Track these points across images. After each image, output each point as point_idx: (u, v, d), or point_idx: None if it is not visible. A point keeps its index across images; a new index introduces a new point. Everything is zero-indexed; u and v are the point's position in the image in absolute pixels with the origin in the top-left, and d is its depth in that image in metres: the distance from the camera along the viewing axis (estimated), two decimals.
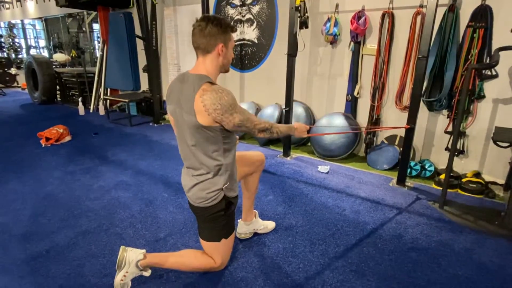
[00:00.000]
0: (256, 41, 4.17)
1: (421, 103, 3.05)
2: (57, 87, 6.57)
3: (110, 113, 5.58)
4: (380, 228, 2.17)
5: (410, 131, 2.70)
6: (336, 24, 3.38)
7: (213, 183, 1.51)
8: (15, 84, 8.78)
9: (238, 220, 2.06)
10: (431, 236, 2.09)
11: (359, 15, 3.21)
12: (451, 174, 2.87)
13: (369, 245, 1.99)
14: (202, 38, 1.41)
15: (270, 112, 3.94)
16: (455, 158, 2.99)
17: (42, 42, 10.44)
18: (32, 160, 3.38)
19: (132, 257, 1.53)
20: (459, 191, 2.75)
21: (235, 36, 4.25)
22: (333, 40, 3.46)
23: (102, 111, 5.69)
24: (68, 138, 4.09)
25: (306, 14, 3.09)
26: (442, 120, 3.04)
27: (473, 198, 2.63)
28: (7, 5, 8.73)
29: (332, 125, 3.49)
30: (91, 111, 5.93)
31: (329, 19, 3.40)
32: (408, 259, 1.87)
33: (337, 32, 3.39)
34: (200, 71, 1.45)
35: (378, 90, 3.31)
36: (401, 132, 3.21)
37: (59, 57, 8.49)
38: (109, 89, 6.05)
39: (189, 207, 1.67)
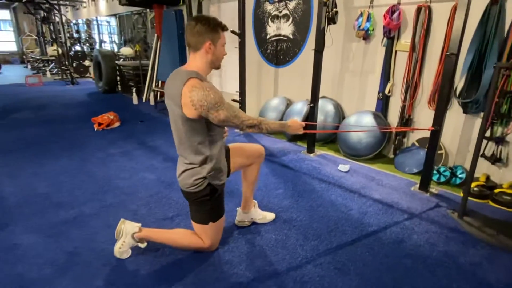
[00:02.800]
0: (291, 36, 4.18)
1: (457, 104, 2.83)
2: (118, 78, 7.30)
3: (158, 103, 6.06)
4: (382, 231, 2.11)
5: (435, 134, 2.53)
6: (369, 19, 3.25)
7: (198, 171, 1.64)
8: (88, 74, 9.93)
9: (237, 208, 2.17)
10: (436, 246, 1.97)
11: (393, 10, 3.05)
12: (485, 183, 2.64)
13: (364, 246, 1.96)
14: (191, 36, 1.54)
15: (299, 108, 3.94)
16: (493, 167, 2.72)
17: (115, 38, 11.62)
18: (83, 142, 3.88)
19: (128, 229, 1.74)
20: (490, 202, 2.51)
21: (272, 32, 4.33)
22: (366, 36, 3.34)
23: (152, 102, 6.21)
24: (117, 124, 4.58)
25: (334, 9, 3.03)
26: (479, 124, 2.76)
27: (502, 211, 2.39)
28: (84, 4, 9.87)
29: (361, 124, 3.38)
30: (143, 101, 6.50)
31: (361, 14, 3.28)
32: (402, 265, 1.80)
33: (369, 27, 3.26)
34: (191, 67, 1.58)
35: (410, 89, 3.12)
36: None
37: (126, 51, 9.37)
38: (160, 81, 6.55)
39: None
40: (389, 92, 3.31)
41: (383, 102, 3.40)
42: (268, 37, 4.48)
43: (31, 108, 5.69)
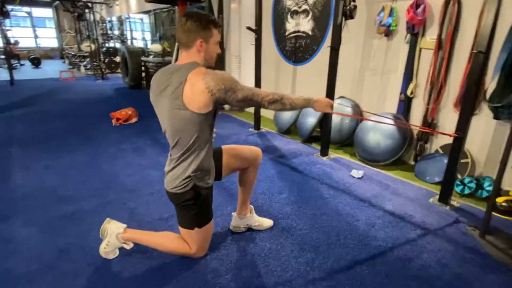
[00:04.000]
0: (310, 33, 4.00)
1: (488, 109, 2.54)
2: (143, 74, 7.45)
3: None
4: (388, 247, 1.92)
5: (457, 141, 2.27)
6: (391, 14, 3.01)
7: (183, 171, 1.56)
8: (118, 70, 10.26)
9: (232, 213, 2.07)
10: (448, 267, 1.75)
11: (418, 3, 2.79)
12: None
13: (365, 263, 1.78)
14: (182, 34, 1.46)
15: None
16: None
17: (148, 35, 11.94)
18: (99, 136, 3.95)
19: (113, 229, 1.70)
20: None
21: (291, 28, 4.17)
22: (388, 32, 3.09)
23: None
24: (135, 119, 4.64)
25: (352, 3, 2.82)
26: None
27: None
28: (117, 2, 10.20)
29: (381, 127, 3.15)
30: None
31: (383, 9, 3.04)
32: (405, 287, 1.61)
33: (392, 23, 3.01)
34: (189, 60, 1.49)
35: (435, 90, 2.85)
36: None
37: (155, 47, 9.57)
38: None
39: None
40: (411, 93, 3.05)
41: (405, 104, 3.14)
42: (287, 33, 4.33)
43: (59, 102, 5.94)
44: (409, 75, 3.04)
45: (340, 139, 3.68)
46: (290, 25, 4.24)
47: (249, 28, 3.82)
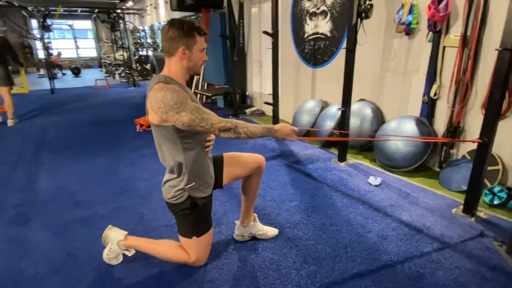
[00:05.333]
0: (329, 34, 3.88)
1: None
2: None
3: (203, 105, 6.20)
4: (399, 262, 1.79)
5: (482, 147, 2.08)
6: (411, 11, 2.83)
7: (177, 182, 1.56)
8: (149, 77, 10.67)
9: (236, 221, 2.04)
10: (465, 287, 1.59)
11: None
12: None
13: (371, 279, 1.67)
14: (164, 41, 1.46)
15: (334, 111, 3.63)
16: None
17: None
18: (123, 142, 4.11)
19: (114, 236, 1.73)
20: None
21: (310, 30, 4.08)
22: (408, 31, 2.92)
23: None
24: None
25: (368, 2, 2.69)
26: None
27: None
28: (148, 12, 10.63)
29: (402, 131, 2.97)
30: None
31: (402, 6, 2.87)
32: None
33: (412, 20, 2.84)
34: (164, 72, 1.50)
35: (460, 91, 2.64)
36: (494, 146, 2.48)
37: None
38: (206, 83, 6.71)
39: None
40: (435, 95, 2.85)
41: (429, 107, 2.94)
42: (306, 36, 4.24)
43: (90, 109, 6.28)
44: (432, 75, 2.84)
45: (360, 143, 3.53)
46: (309, 27, 4.15)
47: (265, 32, 3.79)
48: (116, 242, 1.73)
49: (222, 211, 2.38)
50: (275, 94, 4.08)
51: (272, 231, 2.04)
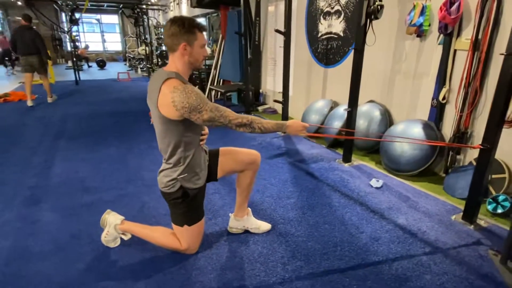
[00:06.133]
0: (342, 34, 3.86)
1: None
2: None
3: (217, 101, 6.30)
4: (387, 264, 1.79)
5: (484, 153, 2.03)
6: (423, 12, 2.78)
7: (172, 172, 1.64)
8: None
9: (230, 214, 2.10)
10: None
11: (452, 1, 2.55)
12: None
13: (357, 278, 1.68)
14: (167, 38, 1.53)
15: (342, 112, 3.61)
16: None
17: None
18: (136, 133, 4.26)
19: (111, 220, 1.83)
20: None
21: (323, 29, 4.08)
22: (420, 32, 2.87)
23: (212, 99, 6.49)
24: None
25: (377, 2, 2.67)
26: None
27: None
28: (171, 8, 10.86)
29: (409, 135, 2.93)
30: None
31: (414, 7, 2.83)
32: None
33: (424, 22, 2.79)
34: (170, 68, 1.58)
35: (469, 96, 2.57)
36: (501, 153, 2.42)
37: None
38: (222, 80, 6.80)
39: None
40: (444, 99, 2.79)
41: (437, 111, 2.88)
42: (319, 35, 4.23)
43: (110, 100, 6.52)
44: (442, 79, 2.78)
45: (367, 145, 3.50)
46: (323, 27, 4.14)
47: (277, 30, 3.82)
48: (113, 226, 1.83)
49: (220, 203, 2.44)
50: (285, 92, 4.11)
51: (265, 226, 2.09)
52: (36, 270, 1.73)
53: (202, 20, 11.41)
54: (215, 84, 6.78)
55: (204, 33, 1.59)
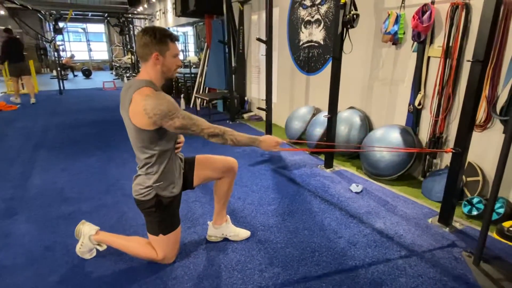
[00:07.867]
0: (322, 42, 3.94)
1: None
2: (173, 84, 7.82)
3: (203, 109, 6.30)
4: (363, 268, 1.80)
5: (456, 157, 2.09)
6: (397, 21, 2.87)
7: (145, 180, 1.63)
8: None
9: (208, 222, 2.09)
10: None
11: (424, 10, 2.64)
12: None
13: (332, 283, 1.69)
14: (139, 48, 1.54)
15: (323, 119, 3.66)
16: None
17: (189, 47, 12.55)
18: (119, 142, 4.22)
19: (86, 231, 1.80)
20: None
21: (305, 38, 4.14)
22: (395, 40, 2.95)
23: (198, 107, 6.48)
24: None
25: (353, 12, 2.74)
26: None
27: None
28: (157, 17, 10.88)
29: (387, 140, 2.98)
30: (191, 106, 6.83)
31: (388, 16, 2.91)
32: None
33: (398, 30, 2.87)
34: (143, 76, 1.58)
35: (443, 101, 2.65)
36: (475, 157, 2.49)
37: (192, 58, 10.06)
38: (207, 88, 6.82)
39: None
40: (419, 104, 2.86)
41: (414, 116, 2.95)
42: (301, 43, 4.30)
43: (94, 110, 6.44)
44: (417, 85, 2.86)
45: (347, 151, 3.55)
46: (304, 35, 4.21)
47: (259, 39, 3.86)
48: (88, 237, 1.80)
49: (200, 212, 2.43)
50: (269, 100, 4.14)
51: (244, 233, 2.09)
52: (7, 283, 1.68)
53: (189, 29, 11.48)
54: (200, 92, 6.79)
55: (177, 43, 1.60)
